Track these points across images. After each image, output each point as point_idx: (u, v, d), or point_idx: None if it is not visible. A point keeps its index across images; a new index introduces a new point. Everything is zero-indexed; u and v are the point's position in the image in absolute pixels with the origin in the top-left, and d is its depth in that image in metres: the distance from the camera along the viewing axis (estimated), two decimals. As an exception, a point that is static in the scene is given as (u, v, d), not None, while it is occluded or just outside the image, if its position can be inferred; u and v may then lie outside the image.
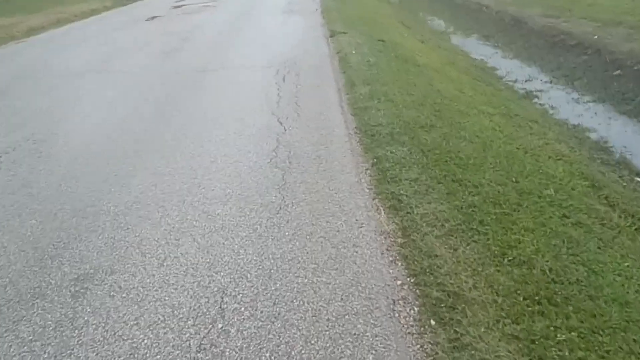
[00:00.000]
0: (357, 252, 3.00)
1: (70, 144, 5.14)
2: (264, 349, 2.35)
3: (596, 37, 10.79)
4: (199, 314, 2.59)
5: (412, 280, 2.75)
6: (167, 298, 2.73)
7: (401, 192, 3.55)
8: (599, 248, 3.13)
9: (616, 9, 12.09)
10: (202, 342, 2.42)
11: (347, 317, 2.50)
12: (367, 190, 3.71)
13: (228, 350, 2.36)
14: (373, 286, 2.71)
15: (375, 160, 4.15)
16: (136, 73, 7.94)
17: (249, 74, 7.52)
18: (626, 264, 3.00)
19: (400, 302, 2.60)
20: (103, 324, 2.58)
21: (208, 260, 3.02)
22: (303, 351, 2.32)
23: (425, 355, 2.29)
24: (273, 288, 2.74)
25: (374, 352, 2.30)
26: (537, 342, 2.32)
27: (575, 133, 7.34)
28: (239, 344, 2.39)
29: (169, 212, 3.60)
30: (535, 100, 9.16)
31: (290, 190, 3.80)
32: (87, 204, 3.83)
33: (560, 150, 5.47)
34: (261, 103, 6.02)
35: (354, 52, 8.20)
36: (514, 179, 3.92)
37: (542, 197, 3.75)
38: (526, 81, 10.37)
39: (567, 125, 7.67)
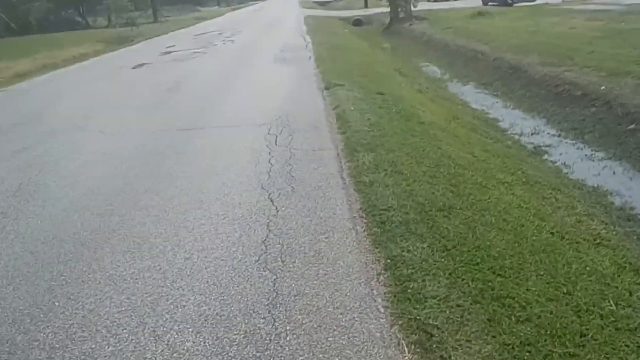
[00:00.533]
0: None
1: (16, 230, 4.25)
2: None
3: (603, 87, 10.15)
4: None
5: None
6: None
7: (429, 319, 2.67)
8: None
9: (619, 57, 11.52)
10: None
11: None
12: (383, 311, 2.83)
13: None
14: None
15: (389, 261, 3.28)
16: (114, 133, 7.11)
17: (238, 134, 6.71)
18: None
19: None
20: None
21: None
22: None
23: None
24: None
25: None
26: None
27: (598, 198, 6.54)
28: None
29: (121, 346, 2.69)
30: (546, 157, 8.41)
31: (284, 309, 2.90)
32: (19, 328, 2.92)
33: (596, 230, 4.65)
34: (250, 173, 5.18)
35: (352, 108, 7.45)
36: (564, 290, 3.07)
37: (605, 316, 2.90)
38: (532, 134, 9.65)
39: (587, 188, 6.88)
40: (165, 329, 2.81)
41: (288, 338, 2.67)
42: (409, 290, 2.92)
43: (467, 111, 10.92)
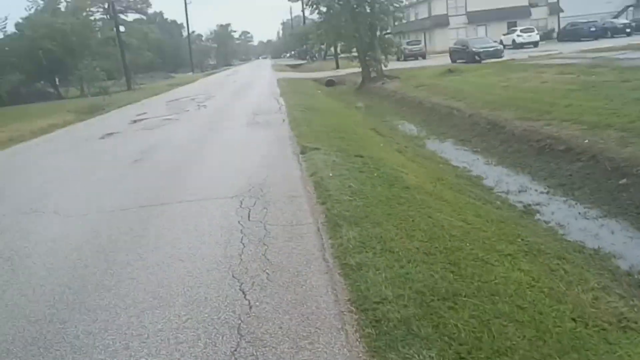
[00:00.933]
0: None
1: None
2: None
3: (587, 141, 9.84)
4: None
5: None
6: None
7: None
8: None
9: (598, 110, 11.31)
10: None
11: None
12: None
13: None
14: None
15: (391, 380, 2.60)
16: (69, 214, 6.37)
17: (206, 208, 6.05)
18: None
19: None
20: None
21: None
22: None
23: None
24: None
25: None
26: None
27: (603, 263, 6.00)
28: None
29: None
30: (538, 216, 7.91)
31: None
32: None
33: (617, 308, 4.04)
34: (219, 258, 4.49)
35: (331, 174, 6.88)
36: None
37: None
38: (520, 192, 9.19)
39: (588, 251, 6.35)
40: None
41: None
42: None
43: (450, 170, 10.48)
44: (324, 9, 28.27)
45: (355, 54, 28.88)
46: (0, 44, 36.48)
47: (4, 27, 36.15)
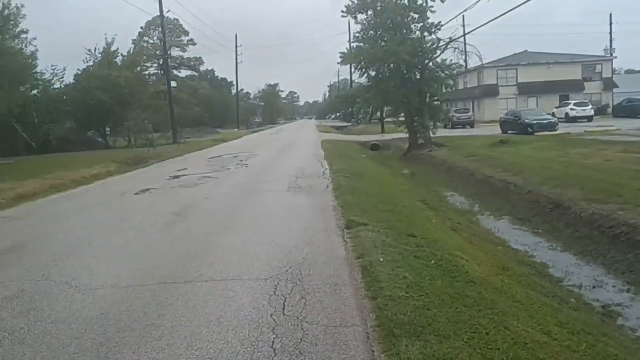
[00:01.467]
0: None
1: None
2: None
3: (673, 232, 8.64)
4: None
5: None
6: None
7: None
8: None
9: (680, 195, 10.10)
10: None
11: None
12: None
13: None
14: None
15: None
16: (80, 287, 5.59)
17: (235, 292, 5.17)
18: None
19: None
20: None
21: None
22: None
23: None
24: None
25: None
26: None
27: None
28: None
29: None
30: (621, 321, 6.71)
31: None
32: None
33: None
34: (243, 368, 3.58)
35: (381, 259, 5.94)
36: None
37: None
38: (595, 287, 7.99)
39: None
40: None
41: None
42: None
43: (511, 254, 9.35)
44: (372, 73, 28.07)
45: (402, 119, 28.31)
46: (56, 93, 37.75)
47: (62, 77, 37.52)
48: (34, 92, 36.35)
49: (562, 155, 18.17)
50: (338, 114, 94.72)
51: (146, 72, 52.59)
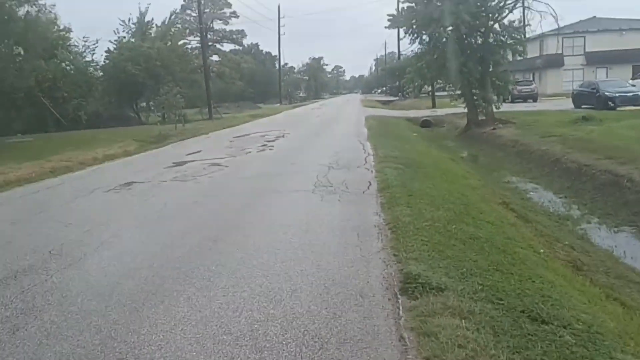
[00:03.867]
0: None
1: None
2: None
3: None
4: None
5: None
6: None
7: None
8: None
9: None
10: None
11: None
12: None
13: None
14: None
15: None
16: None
17: None
18: None
19: None
20: None
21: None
22: None
23: None
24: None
25: None
26: None
27: None
28: None
29: None
30: None
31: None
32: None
33: None
34: None
35: None
36: None
37: None
38: None
39: None
40: None
41: None
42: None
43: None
44: (426, 38, 23.57)
45: (460, 92, 23.77)
46: (86, 66, 34.91)
47: (94, 50, 34.63)
48: (64, 64, 33.59)
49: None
50: (384, 88, 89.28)
51: (188, 46, 49.48)
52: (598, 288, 5.24)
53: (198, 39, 56.89)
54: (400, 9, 25.52)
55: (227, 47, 70.62)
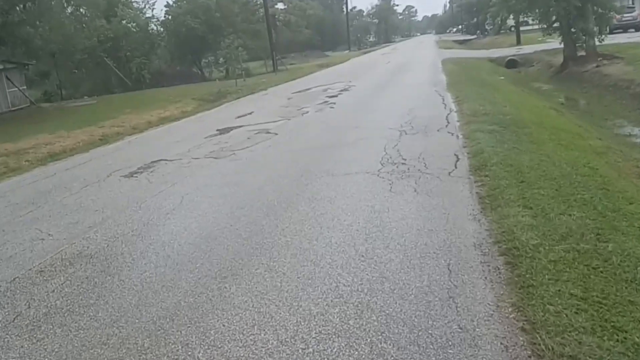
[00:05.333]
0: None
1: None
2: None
3: None
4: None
5: None
6: None
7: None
8: None
9: None
10: None
11: None
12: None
13: None
14: None
15: None
16: None
17: None
18: None
19: None
20: None
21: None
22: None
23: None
24: None
25: None
26: None
27: None
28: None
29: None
30: None
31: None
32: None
33: None
34: None
35: None
36: None
37: None
38: None
39: None
40: None
41: None
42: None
43: None
44: (514, -37, 19.86)
45: (557, 24, 20.02)
46: (146, 23, 33.67)
47: (153, 5, 33.34)
48: (124, 22, 32.54)
49: None
50: (460, 27, 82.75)
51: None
52: None
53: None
54: None
55: (292, -7, 67.45)
